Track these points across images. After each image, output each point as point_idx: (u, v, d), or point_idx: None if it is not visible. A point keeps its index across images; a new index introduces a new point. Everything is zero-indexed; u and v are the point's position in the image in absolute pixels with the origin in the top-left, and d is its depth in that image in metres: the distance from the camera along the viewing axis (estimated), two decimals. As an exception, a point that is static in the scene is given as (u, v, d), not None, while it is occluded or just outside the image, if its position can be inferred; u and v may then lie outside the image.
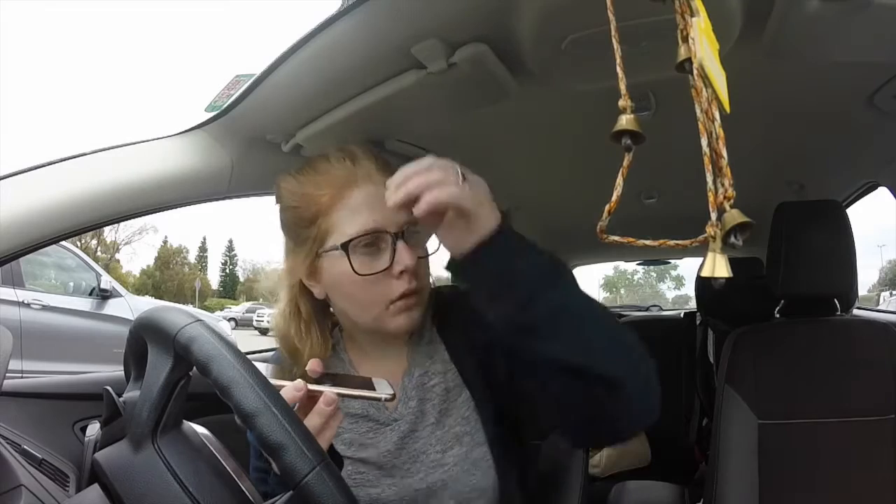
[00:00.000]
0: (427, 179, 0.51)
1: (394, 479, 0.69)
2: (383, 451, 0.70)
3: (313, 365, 0.59)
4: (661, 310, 3.77)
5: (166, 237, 39.24)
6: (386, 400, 0.57)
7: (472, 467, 0.69)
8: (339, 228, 0.66)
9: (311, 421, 0.53)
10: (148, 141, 0.85)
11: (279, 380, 0.54)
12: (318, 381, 0.57)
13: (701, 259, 0.34)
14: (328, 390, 0.54)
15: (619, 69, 0.36)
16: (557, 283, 0.53)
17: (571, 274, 0.56)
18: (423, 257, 0.69)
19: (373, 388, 0.58)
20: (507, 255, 0.53)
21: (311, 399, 0.55)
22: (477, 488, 0.69)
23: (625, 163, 0.35)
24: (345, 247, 0.65)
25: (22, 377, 0.98)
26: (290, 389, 0.53)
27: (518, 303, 0.52)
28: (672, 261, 3.87)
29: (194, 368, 0.48)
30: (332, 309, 0.74)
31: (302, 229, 0.69)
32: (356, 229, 0.65)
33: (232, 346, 0.47)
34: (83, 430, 0.87)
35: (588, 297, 0.55)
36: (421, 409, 0.71)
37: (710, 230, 0.33)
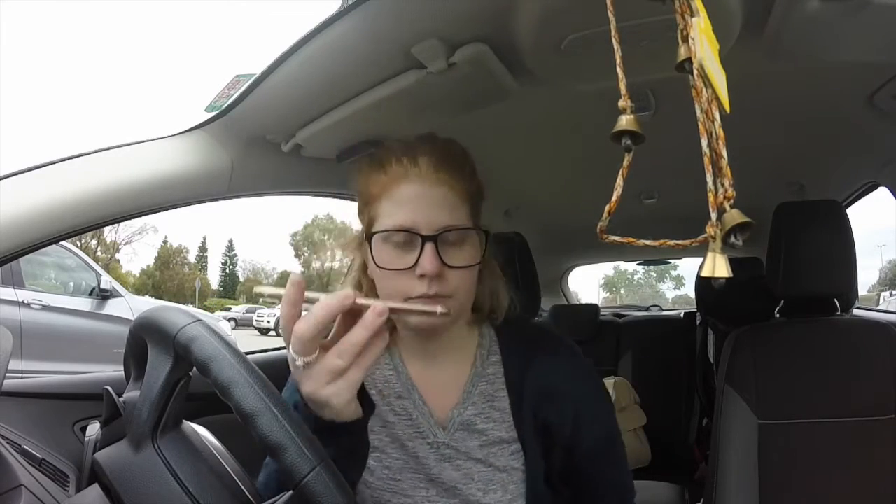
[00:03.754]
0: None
1: (431, 490, 0.70)
2: (422, 458, 0.70)
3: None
4: (661, 310, 3.77)
5: (166, 237, 39.25)
6: (441, 314, 0.53)
7: None
8: (381, 219, 0.68)
9: (356, 336, 0.48)
10: (148, 141, 0.85)
11: (315, 292, 0.50)
12: None
13: (701, 259, 0.34)
14: (377, 303, 0.49)
15: (619, 69, 0.36)
16: None
17: None
18: (458, 268, 0.66)
19: None
20: None
21: (352, 317, 0.50)
22: None
23: (625, 163, 0.35)
24: (368, 237, 0.68)
25: (22, 377, 0.98)
26: (339, 297, 0.48)
27: None
28: (672, 261, 3.87)
29: (194, 368, 0.48)
30: None
31: (362, 209, 0.72)
32: (392, 223, 0.66)
33: (232, 346, 0.47)
34: (83, 430, 0.87)
35: None
36: (468, 429, 0.71)
37: (710, 230, 0.33)
